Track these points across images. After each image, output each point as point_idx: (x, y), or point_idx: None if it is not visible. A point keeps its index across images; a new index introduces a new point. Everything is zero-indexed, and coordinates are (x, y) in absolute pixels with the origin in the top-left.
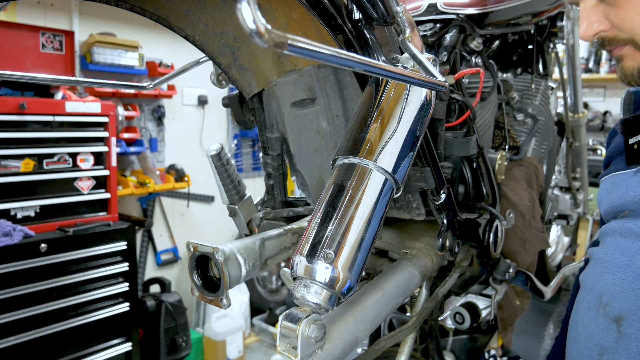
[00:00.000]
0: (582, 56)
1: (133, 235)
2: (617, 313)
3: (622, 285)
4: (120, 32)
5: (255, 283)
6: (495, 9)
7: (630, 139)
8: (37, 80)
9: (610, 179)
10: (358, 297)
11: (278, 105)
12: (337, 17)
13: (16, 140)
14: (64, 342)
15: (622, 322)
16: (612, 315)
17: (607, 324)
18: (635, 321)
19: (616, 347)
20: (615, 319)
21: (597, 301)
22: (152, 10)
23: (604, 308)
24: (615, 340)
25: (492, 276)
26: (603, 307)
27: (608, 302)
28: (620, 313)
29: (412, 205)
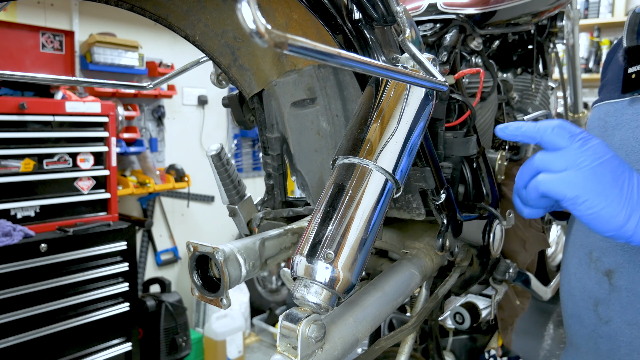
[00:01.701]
0: (582, 56)
1: (133, 235)
2: (608, 267)
3: (609, 240)
4: (120, 32)
5: (255, 283)
6: (495, 9)
7: (630, 68)
8: (37, 80)
9: (603, 107)
10: (358, 297)
11: (278, 105)
12: (337, 17)
13: (16, 140)
14: (64, 342)
15: (613, 275)
16: (602, 269)
17: (599, 278)
18: (624, 274)
19: (609, 298)
20: (606, 272)
21: (588, 257)
22: (152, 10)
23: (594, 263)
24: (607, 292)
25: (492, 276)
26: (594, 262)
27: (598, 258)
28: (610, 267)
29: (412, 205)
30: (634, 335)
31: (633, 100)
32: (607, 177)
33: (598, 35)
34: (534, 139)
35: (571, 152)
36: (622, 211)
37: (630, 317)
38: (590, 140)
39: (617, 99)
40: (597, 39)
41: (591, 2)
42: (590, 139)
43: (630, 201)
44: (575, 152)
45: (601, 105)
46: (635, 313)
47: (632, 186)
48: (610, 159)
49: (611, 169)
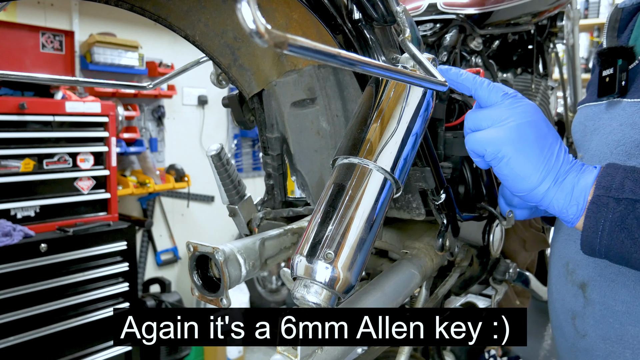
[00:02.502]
0: (582, 56)
1: (133, 235)
2: (582, 280)
3: (583, 254)
4: (120, 32)
5: (255, 283)
6: (495, 9)
7: (603, 71)
8: (37, 80)
9: (584, 110)
10: (358, 297)
11: (278, 105)
12: (337, 17)
13: (16, 140)
14: (64, 342)
15: (586, 289)
16: (577, 282)
17: (575, 290)
18: (596, 287)
19: (584, 312)
20: (580, 285)
21: (565, 268)
22: (152, 10)
23: (570, 275)
24: (583, 305)
25: (492, 276)
26: (570, 274)
27: (573, 270)
28: (584, 280)
29: (412, 205)
30: (608, 350)
31: (609, 104)
32: (530, 136)
33: (598, 35)
34: (469, 89)
35: (500, 110)
36: (537, 172)
37: (604, 332)
38: (521, 100)
39: (595, 102)
40: (597, 39)
41: (591, 2)
42: (521, 99)
43: (548, 164)
44: (504, 109)
45: (582, 107)
46: (608, 327)
47: (552, 151)
48: (537, 120)
49: (536, 130)
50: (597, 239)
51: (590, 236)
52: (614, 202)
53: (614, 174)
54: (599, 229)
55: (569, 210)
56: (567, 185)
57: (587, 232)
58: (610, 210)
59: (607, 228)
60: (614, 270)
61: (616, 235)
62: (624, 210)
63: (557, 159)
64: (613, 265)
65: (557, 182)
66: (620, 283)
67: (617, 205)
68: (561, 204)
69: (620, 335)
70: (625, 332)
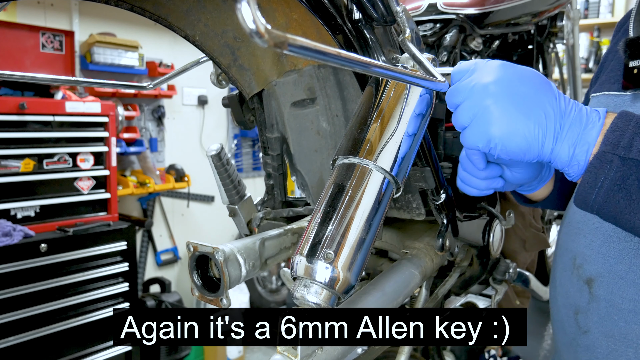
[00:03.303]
0: (582, 56)
1: (133, 235)
2: (589, 275)
3: (593, 248)
4: (120, 32)
5: (255, 283)
6: (495, 9)
7: (631, 62)
8: (37, 80)
9: (602, 98)
10: (358, 297)
11: (278, 105)
12: (337, 17)
13: (16, 140)
14: (64, 342)
15: (593, 284)
16: (584, 277)
17: (580, 285)
18: (603, 284)
19: (588, 308)
20: (587, 280)
21: (572, 262)
22: (152, 10)
23: (577, 270)
24: (587, 301)
25: (492, 276)
26: (576, 268)
27: (580, 265)
28: (591, 275)
29: (412, 205)
30: (611, 348)
31: (635, 96)
32: (511, 108)
33: (598, 35)
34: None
35: (468, 100)
36: (535, 140)
37: (608, 329)
38: (477, 72)
39: (616, 91)
40: (597, 39)
41: (591, 2)
42: (478, 71)
43: (541, 125)
44: (468, 98)
45: (599, 96)
46: (612, 325)
47: (541, 106)
48: (507, 80)
49: (512, 94)
50: (592, 195)
51: (586, 191)
52: (618, 161)
53: (624, 128)
54: (597, 184)
55: (571, 167)
56: (569, 140)
57: (584, 186)
58: (613, 168)
59: (606, 185)
60: (624, 268)
61: (614, 194)
62: (627, 170)
63: (548, 116)
64: (623, 262)
65: (559, 140)
66: (630, 281)
67: (622, 164)
68: (564, 160)
69: (625, 334)
70: (629, 330)
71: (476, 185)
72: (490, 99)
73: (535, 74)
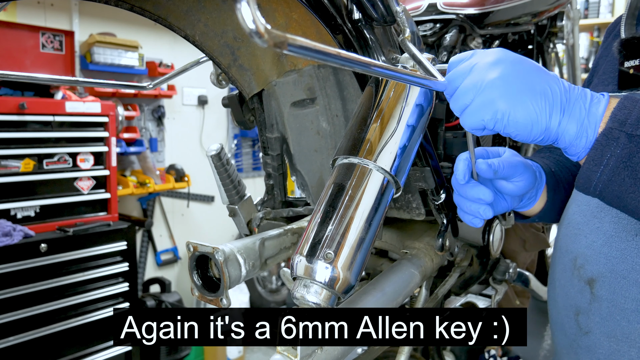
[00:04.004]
0: (582, 56)
1: (133, 235)
2: (590, 275)
3: (594, 248)
4: (120, 32)
5: (255, 283)
6: (495, 9)
7: (626, 62)
8: (37, 80)
9: None
10: (358, 297)
11: (278, 105)
12: (337, 17)
13: (16, 140)
14: (64, 342)
15: (595, 285)
16: (585, 278)
17: (582, 286)
18: (606, 283)
19: (590, 308)
20: (588, 281)
21: (572, 263)
22: (152, 10)
23: (578, 270)
24: (589, 301)
25: (492, 276)
26: (577, 269)
27: (582, 265)
28: (592, 275)
29: (412, 205)
30: (612, 349)
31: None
32: (516, 81)
33: (598, 35)
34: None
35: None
36: (542, 112)
37: (610, 330)
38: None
39: (611, 92)
40: (597, 39)
41: (591, 2)
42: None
43: (547, 98)
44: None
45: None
46: (614, 325)
47: (546, 82)
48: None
49: (517, 70)
50: (597, 173)
51: (591, 169)
52: (625, 138)
53: (631, 107)
54: (602, 162)
55: (579, 142)
56: (576, 114)
57: (588, 164)
58: (620, 145)
59: (612, 163)
60: (626, 267)
61: (619, 172)
62: (634, 147)
63: (553, 90)
64: (625, 261)
65: (566, 113)
66: (632, 280)
67: (628, 142)
68: (572, 135)
69: (627, 334)
70: (632, 330)
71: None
72: (495, 72)
73: (533, 62)
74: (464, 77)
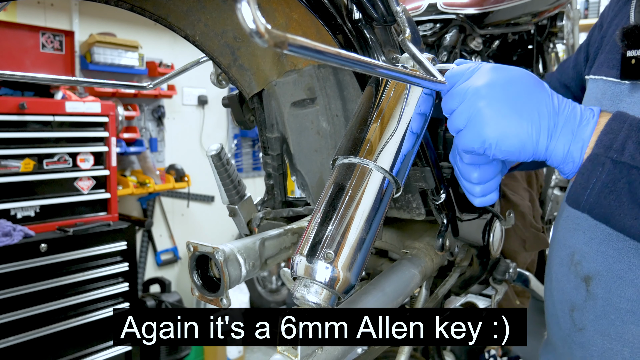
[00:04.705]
0: None
1: (133, 235)
2: (586, 273)
3: (592, 245)
4: (120, 32)
5: (255, 283)
6: (495, 9)
7: (629, 51)
8: (37, 80)
9: (599, 84)
10: (358, 297)
11: (278, 105)
12: (337, 17)
13: (16, 140)
14: (64, 342)
15: (591, 282)
16: (582, 274)
17: (577, 282)
18: (602, 282)
19: (585, 305)
20: (584, 278)
21: (569, 258)
22: (152, 10)
23: (575, 266)
24: (584, 298)
25: (492, 276)
26: (574, 265)
27: (579, 261)
28: (589, 273)
29: (412, 205)
30: (606, 347)
31: (633, 86)
32: (504, 108)
33: None
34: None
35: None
36: (529, 138)
37: (604, 328)
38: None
39: (614, 78)
40: None
41: (591, 2)
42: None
43: (534, 123)
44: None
45: (598, 80)
46: (608, 324)
47: (536, 104)
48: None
49: (506, 94)
50: (584, 196)
51: (578, 192)
52: (610, 164)
53: (617, 130)
54: (589, 186)
55: (566, 166)
56: (562, 139)
57: (576, 187)
58: (605, 171)
59: (597, 188)
60: (623, 267)
61: (604, 196)
62: (618, 173)
63: (541, 115)
64: (622, 261)
65: (554, 138)
66: (628, 280)
67: (613, 168)
68: (560, 158)
69: (621, 333)
70: (626, 330)
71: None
72: (483, 101)
73: (527, 74)
74: (458, 103)
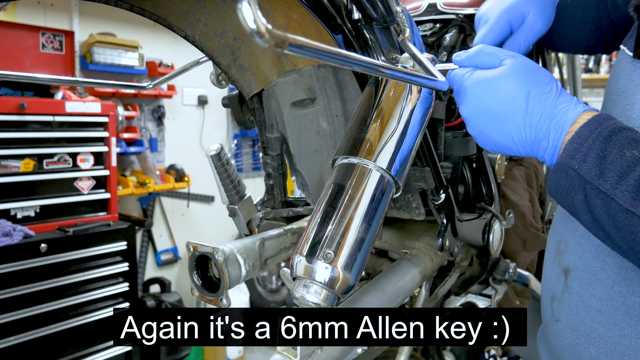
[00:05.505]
0: (582, 56)
1: (133, 235)
2: (567, 264)
3: (574, 236)
4: (120, 32)
5: (255, 283)
6: None
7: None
8: (37, 80)
9: (622, 56)
10: (358, 297)
11: (278, 105)
12: (337, 17)
13: (16, 140)
14: (64, 342)
15: (569, 275)
16: (563, 265)
17: (559, 273)
18: (577, 276)
19: (562, 297)
20: (564, 269)
21: (556, 246)
22: (152, 10)
23: (559, 256)
24: (562, 290)
25: (492, 276)
26: (559, 254)
27: (562, 252)
28: (568, 265)
29: (412, 205)
30: (575, 342)
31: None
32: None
33: None
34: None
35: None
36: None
37: (575, 323)
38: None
39: (631, 51)
40: None
41: None
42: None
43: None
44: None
45: (622, 51)
46: (579, 320)
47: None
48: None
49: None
50: (554, 196)
51: (551, 191)
52: (573, 172)
53: (585, 138)
54: (559, 187)
55: (551, 165)
56: (548, 140)
57: (549, 185)
58: (569, 179)
59: (564, 191)
60: (598, 265)
61: (570, 198)
62: (578, 185)
63: (516, 134)
64: (598, 258)
65: (533, 150)
66: (600, 279)
67: (576, 177)
68: (546, 159)
69: (589, 331)
70: (594, 329)
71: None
72: (470, 129)
73: (507, 82)
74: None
